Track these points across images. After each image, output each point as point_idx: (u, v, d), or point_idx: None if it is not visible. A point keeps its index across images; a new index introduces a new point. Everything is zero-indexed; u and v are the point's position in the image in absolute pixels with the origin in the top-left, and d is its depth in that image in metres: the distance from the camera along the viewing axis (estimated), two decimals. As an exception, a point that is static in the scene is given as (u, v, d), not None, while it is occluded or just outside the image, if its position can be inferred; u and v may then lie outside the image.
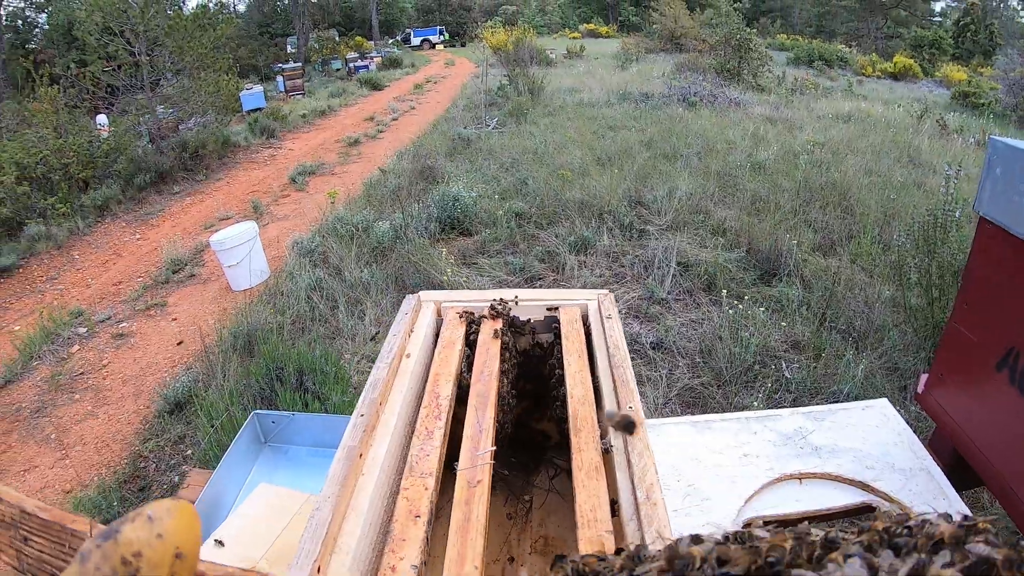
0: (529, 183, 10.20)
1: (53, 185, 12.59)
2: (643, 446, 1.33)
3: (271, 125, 18.65)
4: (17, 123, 14.28)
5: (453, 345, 1.85)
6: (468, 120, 16.91)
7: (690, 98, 17.80)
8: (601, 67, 28.72)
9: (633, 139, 13.03)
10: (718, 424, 2.75)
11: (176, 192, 13.80)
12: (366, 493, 1.29)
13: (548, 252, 7.96)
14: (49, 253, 11.09)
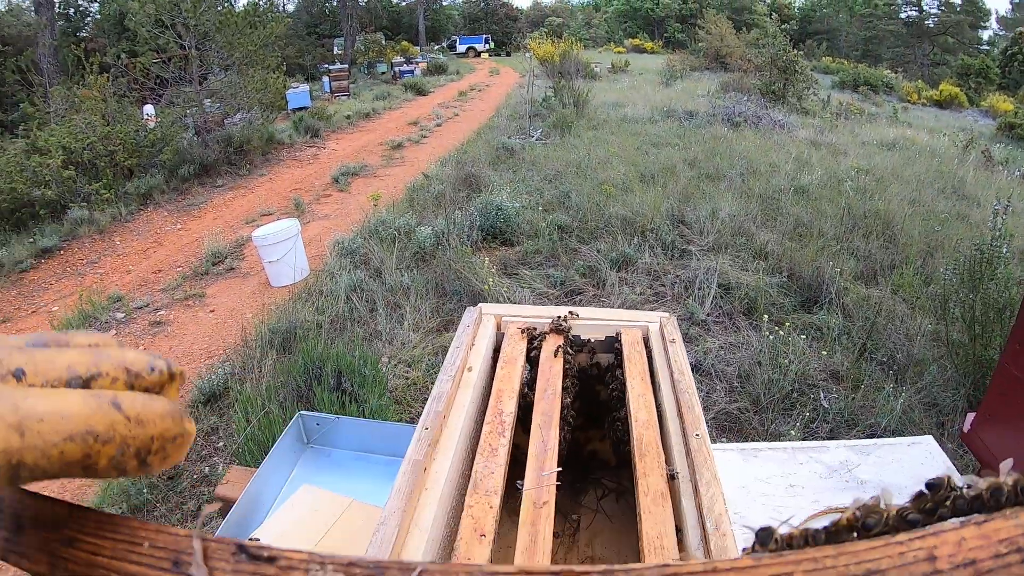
0: (572, 196, 10.14)
1: (98, 171, 12.72)
2: (711, 475, 1.28)
3: (315, 124, 18.75)
4: (66, 108, 14.44)
5: (515, 361, 1.81)
6: (512, 130, 16.89)
7: (734, 118, 17.68)
8: (645, 83, 28.67)
9: (676, 157, 12.93)
10: (765, 453, 2.71)
11: (219, 185, 13.91)
12: (430, 509, 1.26)
13: (589, 267, 7.89)
14: (91, 237, 11.19)
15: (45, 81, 19.10)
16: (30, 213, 11.75)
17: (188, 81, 15.70)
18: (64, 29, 37.27)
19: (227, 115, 16.38)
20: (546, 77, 23.08)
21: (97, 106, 13.41)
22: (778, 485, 2.49)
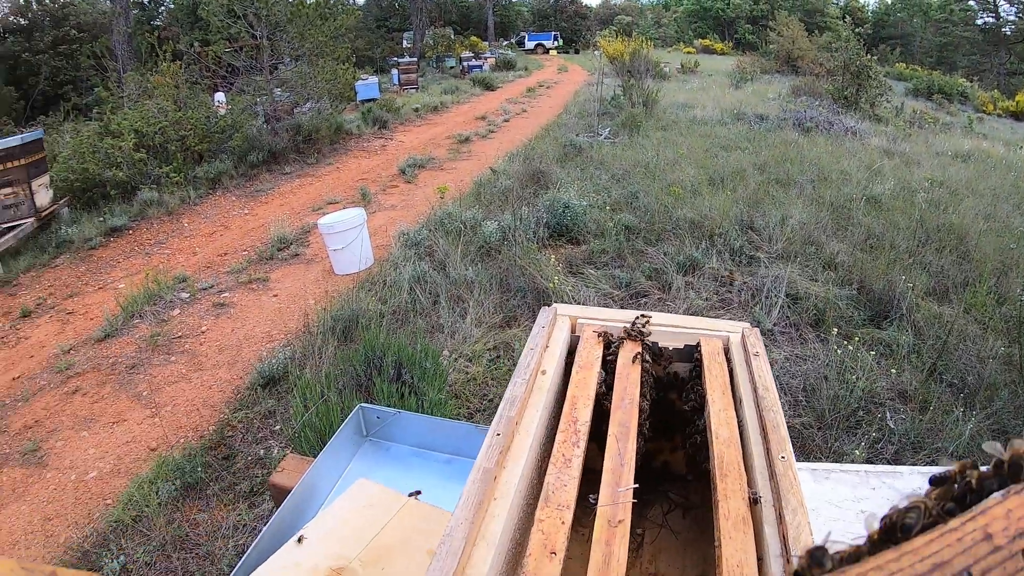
0: (640, 197, 10.00)
1: (169, 155, 12.95)
2: (797, 502, 1.21)
3: (384, 116, 18.87)
4: (139, 94, 14.76)
5: (591, 367, 1.75)
6: (580, 128, 16.79)
7: (805, 123, 17.32)
8: (715, 84, 28.33)
9: (746, 161, 12.70)
10: (837, 475, 2.60)
11: (287, 172, 14.05)
12: (498, 521, 1.20)
13: (655, 269, 7.73)
14: (159, 218, 11.37)
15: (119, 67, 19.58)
16: (101, 193, 12.00)
17: (259, 70, 15.93)
18: (138, 17, 38.17)
19: (296, 104, 16.57)
20: (615, 76, 22.87)
21: (169, 92, 13.71)
22: (849, 510, 2.39)
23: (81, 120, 16.82)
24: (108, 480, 5.20)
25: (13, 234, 10.56)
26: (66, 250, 10.44)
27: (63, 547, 4.57)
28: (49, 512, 4.99)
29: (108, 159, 12.12)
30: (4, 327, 8.28)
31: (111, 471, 5.29)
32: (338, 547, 2.16)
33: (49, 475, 5.40)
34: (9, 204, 10.81)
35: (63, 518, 4.90)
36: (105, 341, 7.39)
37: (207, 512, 4.58)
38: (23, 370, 7.18)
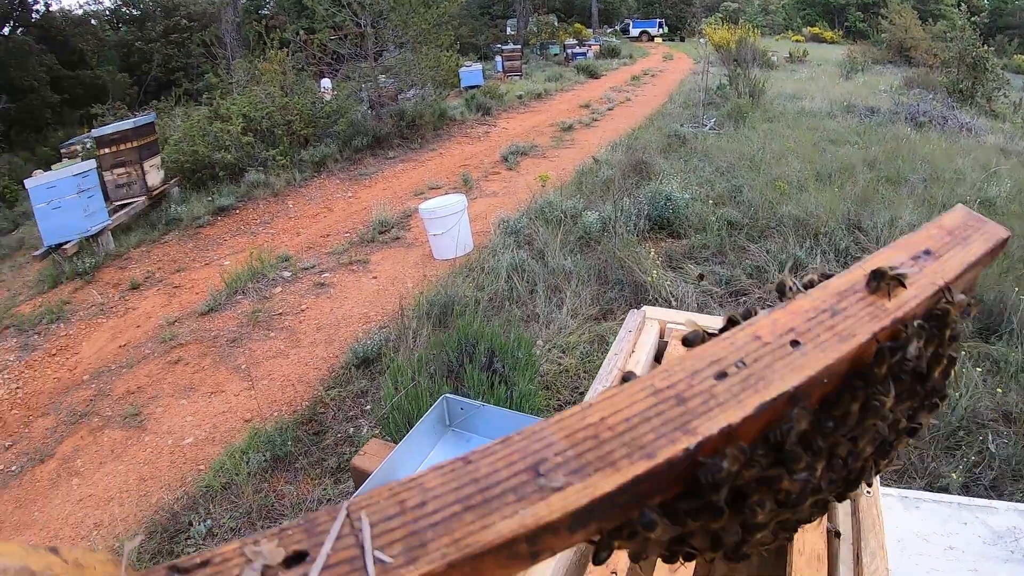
0: (744, 191, 9.72)
1: (275, 138, 13.29)
2: (877, 544, 1.11)
3: (487, 103, 18.91)
4: (247, 80, 15.16)
5: None
6: (684, 117, 16.48)
7: (918, 117, 16.61)
8: (824, 74, 27.42)
9: (855, 156, 12.20)
10: (928, 505, 2.41)
11: (391, 157, 14.21)
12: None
13: (756, 267, 7.47)
14: (265, 199, 11.64)
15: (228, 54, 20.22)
16: (210, 174, 12.39)
17: (363, 57, 16.15)
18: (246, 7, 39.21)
19: (401, 90, 16.73)
20: (721, 64, 22.40)
21: (276, 78, 14.04)
22: (936, 545, 2.20)
23: (192, 105, 17.35)
24: (202, 447, 5.35)
25: (125, 211, 11.01)
26: (175, 227, 10.80)
27: (155, 507, 4.72)
28: (144, 473, 5.17)
29: (217, 142, 12.52)
30: (114, 298, 8.61)
31: (206, 439, 5.44)
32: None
33: (147, 438, 5.60)
34: (122, 183, 11.27)
35: (157, 480, 5.07)
36: (208, 315, 7.60)
37: (294, 485, 4.67)
38: (129, 339, 7.46)
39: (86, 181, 9.96)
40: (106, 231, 10.33)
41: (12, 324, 8.44)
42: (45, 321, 8.31)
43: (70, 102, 30.47)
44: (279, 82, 14.10)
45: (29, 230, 12.06)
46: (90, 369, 7.13)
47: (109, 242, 10.34)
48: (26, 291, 9.63)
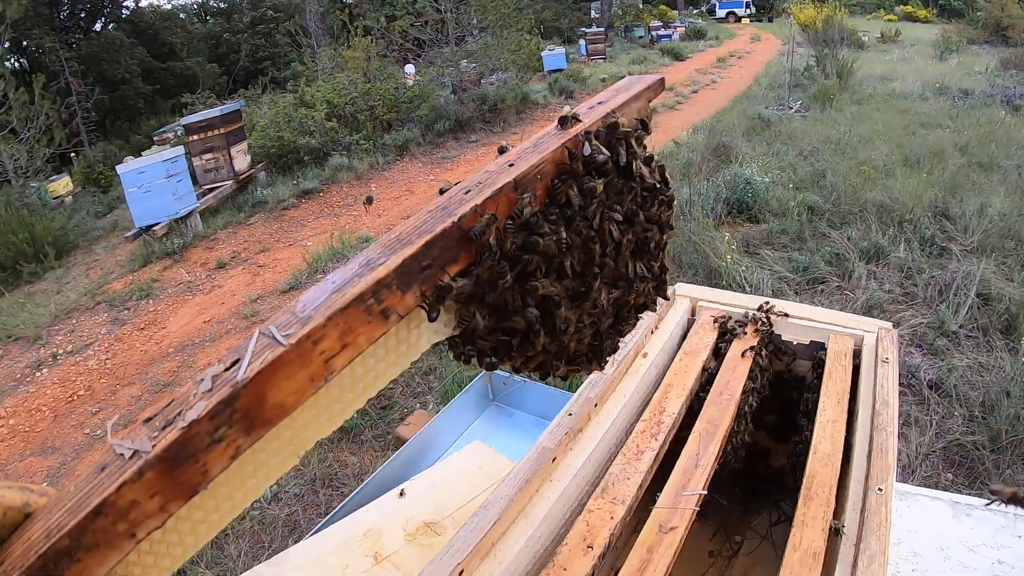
0: (827, 176, 9.47)
1: (359, 123, 13.54)
2: (879, 547, 1.06)
3: (570, 86, 18.85)
4: (332, 67, 15.43)
5: (697, 354, 1.62)
6: (770, 100, 16.17)
7: (1015, 100, 15.94)
8: (917, 55, 26.49)
9: (947, 141, 11.74)
10: (980, 513, 2.15)
11: (472, 141, 14.34)
12: (546, 503, 1.15)
13: (836, 254, 7.24)
14: (349, 182, 11.88)
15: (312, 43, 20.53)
16: (295, 159, 12.72)
17: (445, 43, 16.23)
18: (331, -4, 39.77)
19: (483, 75, 16.79)
20: (808, 45, 21.87)
21: (360, 65, 14.25)
22: (985, 558, 1.97)
23: (278, 93, 17.75)
24: (280, 420, 5.49)
25: (214, 194, 11.41)
26: (261, 209, 11.10)
27: None
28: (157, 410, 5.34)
29: (302, 128, 12.85)
30: (201, 276, 8.91)
31: (284, 411, 5.58)
32: (436, 502, 2.20)
33: None
34: (210, 168, 11.65)
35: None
36: (289, 292, 7.82)
37: (358, 455, 4.81)
38: (214, 315, 7.72)
39: (175, 166, 10.35)
40: (194, 213, 10.71)
41: (104, 300, 8.84)
42: (135, 297, 8.68)
43: (162, 92, 31.54)
44: (362, 69, 14.33)
45: (122, 213, 12.52)
46: (175, 343, 7.42)
47: (197, 224, 10.70)
48: (118, 270, 10.05)
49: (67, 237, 12.00)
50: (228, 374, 0.64)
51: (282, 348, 0.66)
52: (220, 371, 0.64)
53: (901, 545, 1.76)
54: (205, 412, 0.60)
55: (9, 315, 9.09)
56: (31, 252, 11.00)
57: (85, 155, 21.86)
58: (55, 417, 6.68)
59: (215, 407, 0.60)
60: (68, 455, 6.01)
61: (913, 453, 4.41)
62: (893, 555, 1.61)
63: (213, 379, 0.63)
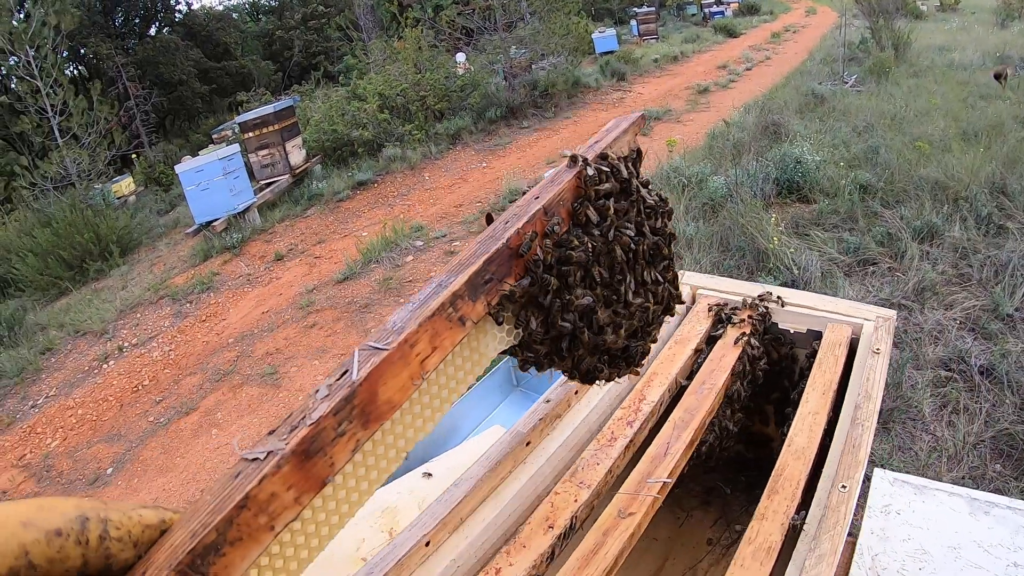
0: (881, 152, 9.24)
1: (411, 114, 13.68)
2: (830, 547, 1.05)
3: (621, 68, 18.76)
4: (384, 59, 15.58)
5: (686, 343, 1.61)
6: (824, 75, 15.89)
7: None
8: (977, 23, 25.70)
9: (1007, 113, 11.39)
10: (1000, 511, 1.91)
11: (524, 127, 14.36)
12: (517, 483, 1.19)
13: (888, 234, 6.99)
14: (402, 172, 12.03)
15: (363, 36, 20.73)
16: (350, 151, 12.94)
17: (494, 30, 16.24)
18: (380, -12, 40.07)
19: (533, 60, 16.79)
20: (863, 17, 21.40)
21: (410, 56, 14.38)
22: (1000, 559, 1.77)
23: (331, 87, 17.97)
24: (328, 404, 5.66)
25: (270, 189, 11.65)
26: (316, 202, 11.32)
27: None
28: (274, 425, 5.49)
29: (355, 120, 13.06)
30: (259, 268, 9.12)
31: (332, 397, 5.75)
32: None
33: (281, 395, 6.04)
34: (266, 164, 11.91)
35: None
36: (344, 283, 7.98)
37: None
38: (271, 305, 7.93)
39: (231, 164, 10.62)
40: (252, 208, 10.96)
41: (167, 294, 9.12)
42: (196, 291, 8.94)
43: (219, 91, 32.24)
44: (413, 60, 14.45)
45: (183, 210, 12.83)
46: (235, 333, 7.64)
47: (255, 218, 10.95)
48: (180, 265, 10.34)
49: (131, 235, 12.37)
50: (341, 381, 0.79)
51: (386, 351, 0.83)
52: (333, 381, 0.80)
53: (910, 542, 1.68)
54: (329, 409, 0.75)
55: (77, 311, 9.43)
56: (96, 251, 11.37)
57: (146, 156, 22.46)
58: (121, 407, 6.96)
59: (337, 404, 0.77)
60: (133, 442, 6.26)
61: (960, 442, 4.23)
62: (900, 552, 1.57)
63: (329, 387, 0.78)
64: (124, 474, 5.82)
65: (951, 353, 4.99)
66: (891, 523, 1.57)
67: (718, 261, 6.73)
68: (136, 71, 27.63)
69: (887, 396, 4.52)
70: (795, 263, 6.33)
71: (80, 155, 14.49)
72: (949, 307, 5.62)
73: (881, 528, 1.56)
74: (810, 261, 6.43)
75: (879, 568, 1.43)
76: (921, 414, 4.45)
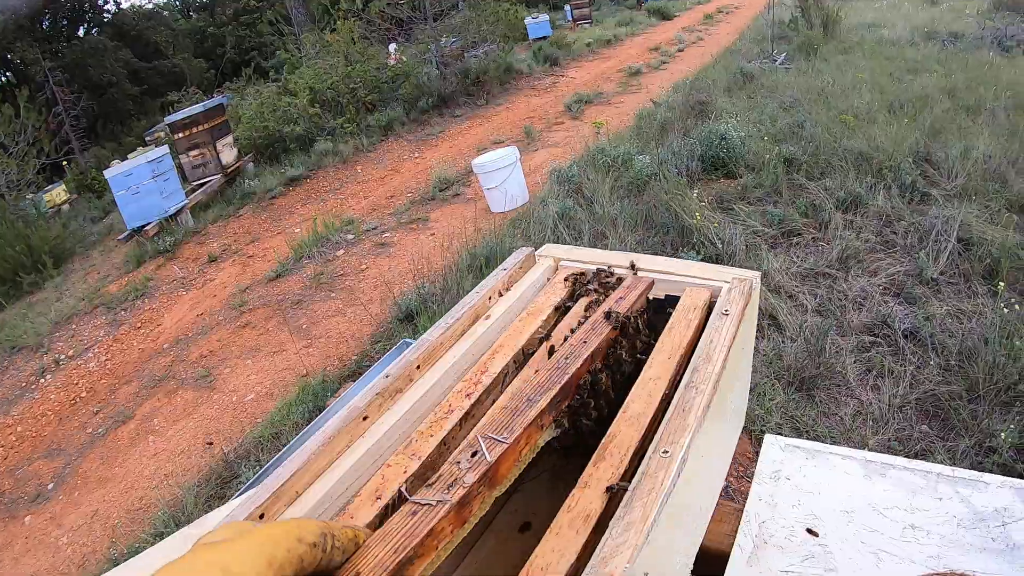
0: (806, 127, 9.38)
1: (342, 107, 13.60)
2: (640, 516, 0.93)
3: (555, 53, 18.81)
4: (316, 53, 15.52)
5: (538, 315, 1.52)
6: (754, 54, 16.07)
7: (1006, 42, 15.68)
8: (908, 1, 26.23)
9: (933, 85, 11.59)
10: (897, 473, 1.83)
11: (457, 115, 14.39)
12: (351, 458, 1.15)
13: (813, 205, 7.13)
14: (335, 167, 12.01)
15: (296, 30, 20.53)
16: (282, 147, 12.89)
17: (424, 20, 16.21)
18: (310, -19, 39.65)
19: (465, 49, 16.78)
20: (795, -5, 21.59)
21: (340, 48, 14.31)
22: (895, 522, 1.67)
23: (264, 83, 17.82)
24: (262, 402, 5.76)
25: (203, 190, 11.57)
26: (250, 201, 11.28)
27: (217, 458, 5.13)
28: (210, 428, 5.68)
29: (286, 116, 13.02)
30: (193, 271, 9.10)
31: (265, 394, 5.85)
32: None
33: (215, 397, 6.08)
34: (198, 164, 11.84)
35: (220, 434, 5.54)
36: (276, 280, 8.00)
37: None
38: (205, 308, 7.94)
39: (160, 166, 10.54)
40: (184, 210, 10.89)
41: (102, 303, 9.06)
42: (131, 298, 8.89)
43: (151, 92, 31.83)
44: (343, 52, 14.39)
45: (117, 217, 12.66)
46: (170, 338, 7.63)
47: (188, 220, 10.88)
48: (114, 272, 10.26)
49: (64, 245, 12.18)
50: (476, 459, 1.04)
51: (506, 445, 1.07)
52: (468, 456, 1.05)
53: (800, 507, 1.59)
54: (476, 479, 1.00)
55: (12, 327, 9.31)
56: (29, 263, 11.18)
57: (77, 162, 22.07)
58: (60, 420, 6.91)
59: (480, 476, 1.01)
60: (72, 456, 6.22)
61: (886, 406, 4.35)
62: (789, 518, 1.50)
63: (468, 461, 1.04)
64: (65, 488, 5.80)
65: (875, 318, 5.13)
66: (780, 489, 1.57)
67: (643, 239, 6.81)
68: (64, 75, 27.07)
69: (809, 364, 4.66)
70: (719, 238, 6.42)
71: (8, 165, 14.22)
72: (874, 274, 5.77)
73: (770, 495, 1.56)
74: (734, 235, 6.52)
75: (766, 535, 1.42)
76: (845, 379, 4.56)
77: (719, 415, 1.31)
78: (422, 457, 1.14)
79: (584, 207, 7.61)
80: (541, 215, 7.55)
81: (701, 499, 1.30)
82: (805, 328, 5.04)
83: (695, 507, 1.24)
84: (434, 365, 1.34)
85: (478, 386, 1.31)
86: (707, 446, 1.22)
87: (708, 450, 1.25)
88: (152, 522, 4.80)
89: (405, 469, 1.12)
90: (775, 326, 5.19)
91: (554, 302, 1.56)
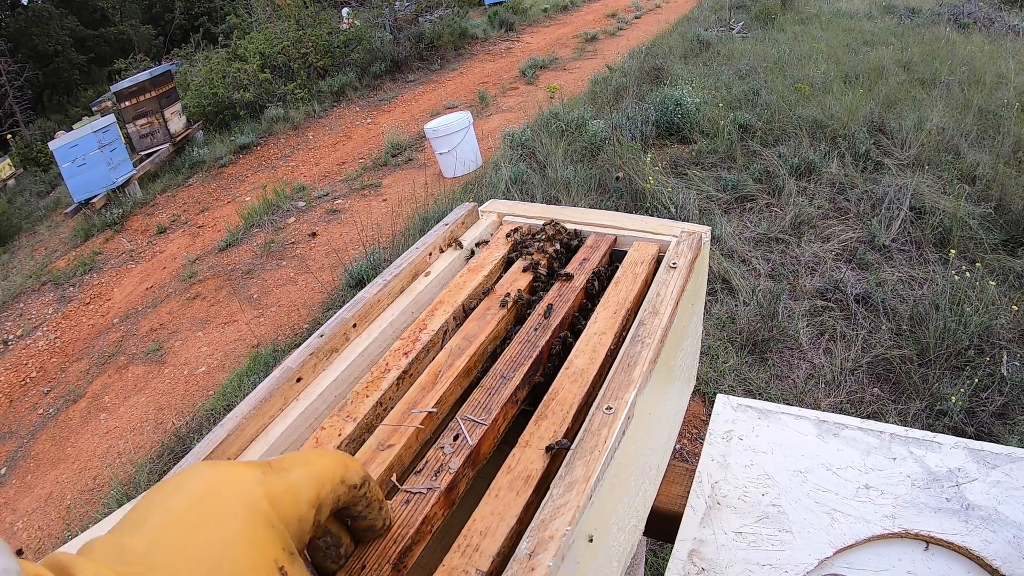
0: (762, 94, 9.39)
1: (293, 72, 13.34)
2: (582, 475, 0.90)
3: (511, 19, 18.62)
4: (268, 17, 15.22)
5: (479, 271, 1.46)
6: (712, 22, 16.04)
7: (962, 18, 15.80)
8: (868, -26, 26.24)
9: (888, 58, 11.65)
10: (850, 433, 1.57)
11: (410, 80, 14.22)
12: (285, 422, 1.11)
13: (767, 172, 7.18)
14: (286, 133, 11.82)
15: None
16: (232, 115, 12.62)
17: (376, -17, 16.00)
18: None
19: (419, 13, 16.57)
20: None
21: (293, 12, 14.03)
22: (850, 481, 1.65)
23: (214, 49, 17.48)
24: (213, 374, 5.67)
25: (151, 159, 11.34)
26: (199, 170, 11.08)
27: (169, 433, 5.07)
28: (162, 403, 5.56)
29: (236, 82, 12.72)
30: (142, 244, 8.93)
31: (217, 366, 5.76)
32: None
33: (166, 371, 5.98)
34: (145, 133, 11.58)
35: (172, 408, 5.44)
36: (226, 250, 7.88)
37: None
38: (155, 280, 7.80)
39: (107, 136, 10.29)
40: (132, 181, 10.67)
41: (50, 280, 8.88)
42: (79, 273, 8.72)
43: (97, 60, 31.12)
44: (294, 16, 14.14)
45: (63, 190, 12.42)
46: (120, 313, 7.50)
47: (136, 191, 10.68)
48: (62, 247, 10.07)
49: (10, 221, 11.94)
50: (458, 443, 1.03)
51: (485, 427, 1.05)
52: (451, 440, 1.03)
53: (753, 467, 1.58)
54: (461, 463, 0.99)
55: (-43, 309, 9.10)
56: (-27, 242, 10.95)
57: (22, 135, 21.57)
58: (10, 402, 6.81)
59: (464, 460, 0.99)
60: (24, 438, 6.14)
61: (838, 369, 4.43)
62: (742, 478, 1.48)
63: (451, 445, 1.02)
64: (18, 472, 5.72)
65: (828, 283, 5.21)
66: (733, 449, 1.56)
67: (596, 203, 6.80)
68: (7, 45, 26.39)
69: (762, 327, 4.70)
70: (672, 202, 6.44)
71: (-50, 141, 13.89)
72: (826, 240, 5.83)
73: (722, 455, 1.55)
74: (688, 199, 6.55)
75: (719, 496, 1.41)
76: (798, 343, 4.62)
77: (667, 372, 1.30)
78: (357, 419, 1.10)
79: (537, 171, 7.57)
80: (494, 179, 7.49)
81: (650, 459, 1.28)
82: (758, 292, 5.07)
83: (644, 467, 1.23)
84: (371, 323, 1.29)
85: (416, 344, 1.27)
86: (655, 404, 1.21)
87: (656, 408, 1.24)
88: (106, 502, 4.75)
89: (340, 432, 1.08)
90: (728, 290, 5.22)
91: (497, 258, 1.52)
